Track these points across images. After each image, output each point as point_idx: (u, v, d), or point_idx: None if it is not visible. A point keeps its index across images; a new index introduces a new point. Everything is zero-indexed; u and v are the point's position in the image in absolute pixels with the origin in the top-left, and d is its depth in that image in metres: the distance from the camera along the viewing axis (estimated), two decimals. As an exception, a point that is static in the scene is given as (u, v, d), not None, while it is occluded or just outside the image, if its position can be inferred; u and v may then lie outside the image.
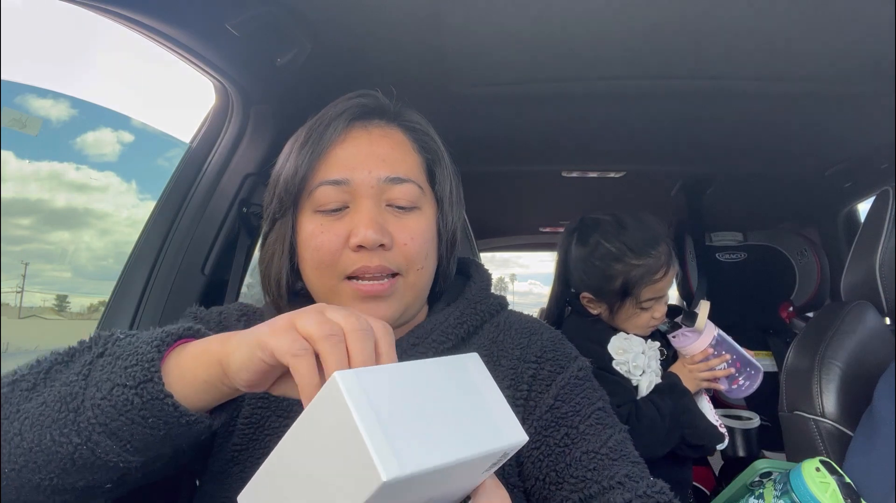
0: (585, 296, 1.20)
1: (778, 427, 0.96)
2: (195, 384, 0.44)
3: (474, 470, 0.38)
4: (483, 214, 2.28)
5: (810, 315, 1.97)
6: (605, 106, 1.22)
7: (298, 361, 0.38)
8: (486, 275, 0.71)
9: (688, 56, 0.98)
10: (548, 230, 2.64)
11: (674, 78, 1.07)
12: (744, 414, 1.52)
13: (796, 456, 0.91)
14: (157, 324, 1.01)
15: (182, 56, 0.92)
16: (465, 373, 0.41)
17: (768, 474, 0.88)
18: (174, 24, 0.84)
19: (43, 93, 0.95)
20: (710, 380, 1.12)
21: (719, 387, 1.13)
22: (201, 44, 0.90)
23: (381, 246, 0.57)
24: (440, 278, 0.66)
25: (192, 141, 1.12)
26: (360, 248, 0.57)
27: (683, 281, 2.02)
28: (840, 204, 1.82)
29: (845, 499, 0.73)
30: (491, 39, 0.94)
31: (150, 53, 0.90)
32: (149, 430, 0.43)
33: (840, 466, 0.76)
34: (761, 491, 0.85)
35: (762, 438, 1.67)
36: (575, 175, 1.69)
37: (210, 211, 1.09)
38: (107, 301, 1.04)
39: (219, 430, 0.58)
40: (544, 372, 0.62)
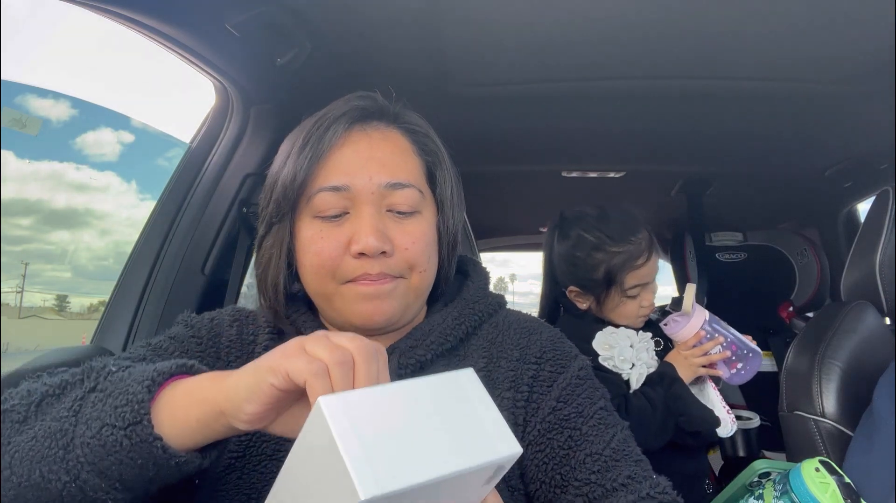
0: (573, 291, 1.20)
1: (778, 427, 0.96)
2: (187, 424, 0.43)
3: (469, 485, 0.39)
4: (483, 214, 2.28)
5: (810, 315, 1.97)
6: (605, 106, 1.22)
7: (317, 381, 0.38)
8: (484, 273, 0.71)
9: (688, 56, 0.98)
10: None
11: (674, 78, 1.07)
12: (744, 414, 1.52)
13: (796, 456, 0.91)
14: (157, 324, 1.01)
15: (182, 56, 0.92)
16: (458, 388, 0.41)
17: (767, 474, 0.88)
18: (174, 24, 0.84)
19: (43, 93, 0.95)
20: (708, 366, 1.10)
21: (718, 372, 1.10)
22: (201, 44, 0.90)
23: (383, 253, 0.57)
24: (441, 281, 0.66)
25: (192, 141, 1.12)
26: (361, 255, 0.57)
27: (683, 280, 2.03)
28: (840, 204, 1.82)
29: (845, 499, 0.73)
30: (491, 40, 0.94)
31: (150, 53, 0.90)
32: (138, 471, 0.43)
33: (840, 466, 0.77)
34: (761, 491, 0.85)
35: (762, 438, 1.67)
36: (575, 175, 1.69)
37: (210, 211, 1.09)
38: (107, 301, 1.04)
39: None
40: (545, 372, 0.61)
